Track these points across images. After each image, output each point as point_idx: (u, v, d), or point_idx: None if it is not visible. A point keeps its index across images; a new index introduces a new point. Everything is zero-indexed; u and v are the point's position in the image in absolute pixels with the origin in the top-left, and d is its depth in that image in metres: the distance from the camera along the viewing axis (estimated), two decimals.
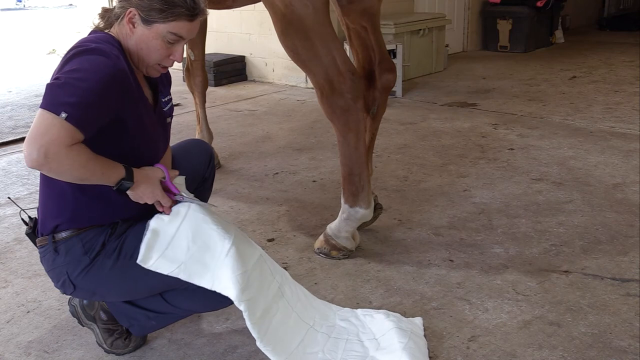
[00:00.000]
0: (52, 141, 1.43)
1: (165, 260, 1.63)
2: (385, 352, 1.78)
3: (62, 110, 1.44)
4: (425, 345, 1.84)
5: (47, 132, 1.43)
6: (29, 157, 1.44)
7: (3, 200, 3.13)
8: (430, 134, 4.10)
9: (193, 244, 1.64)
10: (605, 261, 2.34)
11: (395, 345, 1.79)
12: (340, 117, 2.24)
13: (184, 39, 1.67)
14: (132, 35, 1.65)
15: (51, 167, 1.46)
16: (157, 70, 1.72)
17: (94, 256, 1.66)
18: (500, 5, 7.41)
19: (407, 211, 2.87)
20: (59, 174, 1.50)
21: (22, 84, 6.49)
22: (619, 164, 3.39)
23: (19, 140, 4.30)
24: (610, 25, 9.36)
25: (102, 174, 1.56)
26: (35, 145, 1.43)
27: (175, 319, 1.89)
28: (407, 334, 1.83)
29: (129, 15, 1.63)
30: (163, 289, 1.74)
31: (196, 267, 1.63)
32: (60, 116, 1.43)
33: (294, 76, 5.90)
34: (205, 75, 3.65)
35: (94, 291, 1.73)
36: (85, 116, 1.48)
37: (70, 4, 14.00)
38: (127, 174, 1.61)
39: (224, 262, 1.62)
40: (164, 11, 1.60)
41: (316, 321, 1.87)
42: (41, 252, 1.72)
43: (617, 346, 1.83)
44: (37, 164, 1.44)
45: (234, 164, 3.68)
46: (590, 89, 5.29)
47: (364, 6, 2.45)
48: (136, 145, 1.68)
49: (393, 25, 5.50)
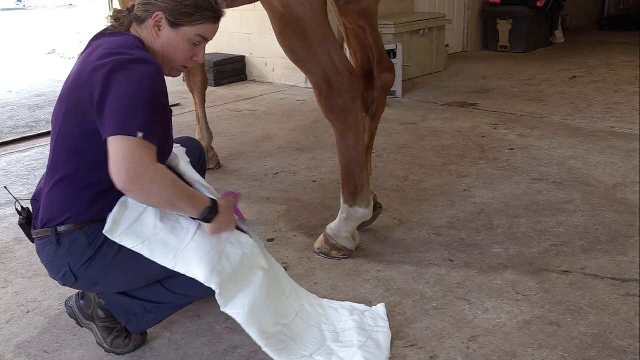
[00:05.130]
0: (139, 160, 1.48)
1: (131, 234, 1.64)
2: (342, 346, 1.83)
3: (137, 130, 1.49)
4: (388, 337, 1.89)
5: (131, 154, 1.48)
6: (120, 180, 1.48)
7: (3, 200, 3.13)
8: (430, 134, 4.10)
9: (160, 222, 1.66)
10: (605, 261, 2.34)
11: (353, 342, 1.84)
12: (339, 116, 2.24)
13: (208, 40, 1.71)
14: (158, 38, 1.68)
15: (142, 187, 1.49)
16: (180, 70, 1.77)
17: (98, 247, 1.66)
18: (501, 5, 7.41)
19: (407, 211, 2.87)
20: (149, 193, 1.52)
21: (22, 84, 6.49)
22: (619, 164, 3.39)
23: (19, 140, 4.30)
24: (610, 25, 9.36)
25: (189, 198, 1.60)
26: (124, 167, 1.47)
27: (173, 311, 1.88)
28: (367, 333, 1.88)
29: (155, 19, 1.65)
30: (165, 275, 1.74)
31: (159, 246, 1.65)
32: (137, 137, 1.48)
33: (294, 76, 5.90)
34: (204, 75, 3.65)
35: (96, 281, 1.74)
36: (154, 129, 1.54)
37: (70, 4, 14.01)
38: (213, 204, 1.65)
39: (189, 246, 1.65)
40: (192, 15, 1.64)
41: (292, 295, 1.91)
42: (39, 244, 1.72)
43: (617, 346, 1.83)
44: (129, 185, 1.48)
45: (234, 164, 3.68)
46: (590, 89, 5.29)
47: (361, 6, 2.45)
48: (164, 140, 1.70)
49: (393, 25, 5.50)
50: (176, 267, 1.65)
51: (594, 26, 9.64)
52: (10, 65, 7.89)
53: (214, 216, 1.64)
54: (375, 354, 1.80)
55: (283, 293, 1.88)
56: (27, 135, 4.40)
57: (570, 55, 7.06)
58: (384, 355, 1.81)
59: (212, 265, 1.65)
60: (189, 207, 1.61)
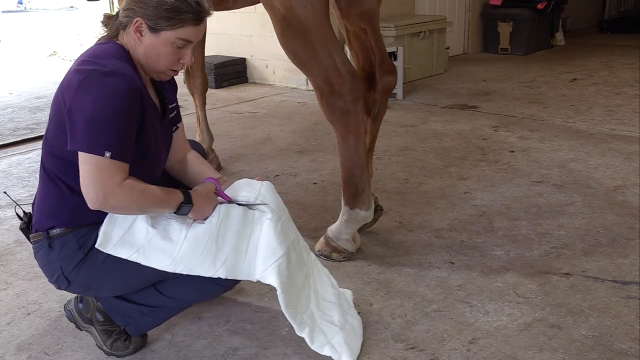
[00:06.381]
0: (106, 182, 1.53)
1: (124, 245, 1.65)
2: (324, 319, 1.86)
3: (105, 149, 1.51)
4: (360, 324, 1.95)
5: (98, 176, 1.52)
6: (89, 200, 1.54)
7: (3, 202, 3.14)
8: (431, 136, 4.11)
9: (152, 228, 1.66)
10: (606, 263, 2.34)
11: (334, 321, 1.87)
12: (340, 119, 2.24)
13: (192, 42, 1.68)
14: (140, 44, 1.65)
15: (112, 205, 1.56)
16: (168, 74, 1.74)
17: (87, 250, 1.67)
18: (501, 8, 7.41)
19: (407, 213, 2.87)
20: (121, 209, 1.60)
21: (23, 86, 6.50)
22: (620, 166, 3.39)
23: (19, 142, 4.31)
24: (610, 28, 9.36)
25: (160, 202, 1.64)
26: (93, 188, 1.53)
27: (171, 314, 1.88)
28: (345, 315, 1.92)
29: (135, 25, 1.63)
30: (156, 279, 1.74)
31: (155, 252, 1.65)
32: (105, 156, 1.51)
33: (294, 78, 5.90)
34: (205, 78, 3.65)
35: (88, 285, 1.74)
36: (124, 146, 1.55)
37: (71, 6, 14.04)
38: (186, 197, 1.67)
39: (184, 246, 1.65)
40: (170, 19, 1.61)
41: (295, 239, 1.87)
42: (35, 248, 1.73)
43: (618, 349, 1.83)
44: (99, 204, 1.54)
45: (234, 166, 3.68)
46: (590, 92, 5.29)
47: (363, 9, 2.45)
48: (142, 153, 1.68)
49: (394, 27, 5.50)
50: (177, 270, 1.65)
51: (594, 28, 9.63)
52: (11, 67, 7.90)
53: (190, 208, 1.67)
54: (352, 338, 1.86)
55: (288, 237, 1.82)
56: (27, 137, 4.41)
57: (571, 58, 7.06)
58: (359, 341, 1.88)
59: (212, 257, 1.66)
60: (162, 209, 1.66)
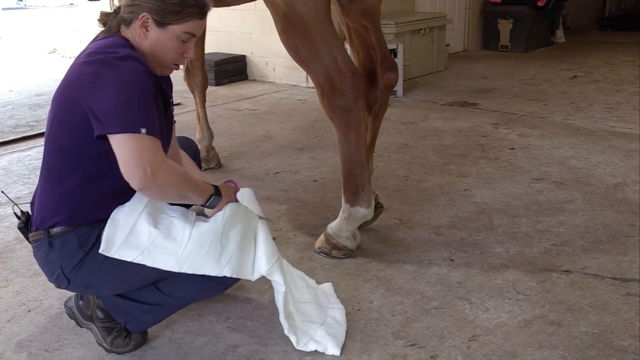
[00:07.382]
0: (152, 158, 1.51)
1: (128, 248, 1.65)
2: (304, 320, 1.91)
3: (140, 127, 1.50)
4: (343, 312, 2.00)
5: (143, 153, 1.50)
6: (137, 179, 1.49)
7: (4, 199, 3.14)
8: (431, 134, 4.10)
9: (155, 229, 1.66)
10: (606, 261, 2.34)
11: (313, 319, 1.93)
12: (341, 116, 2.24)
13: (197, 36, 1.71)
14: (146, 39, 1.66)
15: (158, 183, 1.52)
16: (171, 68, 1.76)
17: (88, 249, 1.67)
18: (501, 5, 7.40)
19: (407, 211, 2.87)
20: (165, 189, 1.55)
21: (23, 83, 6.49)
22: (620, 163, 3.39)
23: (20, 139, 4.31)
24: (611, 25, 9.35)
25: (196, 188, 1.66)
26: (141, 166, 1.49)
27: (171, 312, 1.89)
28: (324, 310, 1.99)
29: (141, 20, 1.64)
30: (156, 278, 1.75)
31: (159, 253, 1.65)
32: (142, 133, 1.49)
33: (294, 75, 5.90)
34: (204, 75, 3.64)
35: (88, 284, 1.74)
36: (154, 121, 1.55)
37: (71, 3, 14.02)
38: (216, 190, 1.71)
39: (188, 246, 1.65)
40: (178, 13, 1.63)
41: None
42: (35, 247, 1.72)
43: (617, 346, 1.83)
44: (146, 184, 1.50)
45: (234, 164, 3.68)
46: (591, 89, 5.28)
47: (364, 6, 2.45)
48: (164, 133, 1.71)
49: (394, 24, 5.50)
50: (182, 269, 1.66)
51: (594, 26, 9.62)
52: (11, 65, 7.89)
53: (218, 202, 1.71)
54: (335, 328, 1.92)
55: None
56: (28, 134, 4.41)
57: (571, 55, 7.05)
58: (343, 329, 1.93)
59: (217, 256, 1.67)
60: (196, 197, 1.67)
